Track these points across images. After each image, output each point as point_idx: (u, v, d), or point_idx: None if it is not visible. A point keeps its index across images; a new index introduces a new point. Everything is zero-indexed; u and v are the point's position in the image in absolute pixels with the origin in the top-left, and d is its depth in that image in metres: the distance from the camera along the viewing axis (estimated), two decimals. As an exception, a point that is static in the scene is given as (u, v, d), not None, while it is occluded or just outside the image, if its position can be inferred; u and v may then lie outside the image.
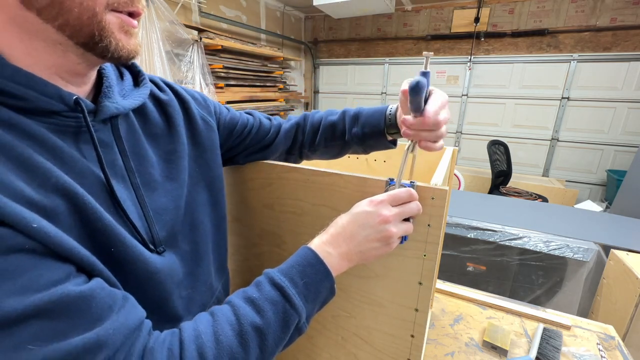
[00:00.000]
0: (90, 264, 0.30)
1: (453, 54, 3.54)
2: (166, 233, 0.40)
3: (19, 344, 0.24)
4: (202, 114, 0.50)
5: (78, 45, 0.31)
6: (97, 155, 0.33)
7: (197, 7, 2.61)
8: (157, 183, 0.41)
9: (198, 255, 0.46)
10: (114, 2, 0.30)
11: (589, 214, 1.86)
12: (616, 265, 1.24)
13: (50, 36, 0.30)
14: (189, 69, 2.39)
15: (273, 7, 3.62)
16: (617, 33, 2.90)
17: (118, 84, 0.39)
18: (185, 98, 0.49)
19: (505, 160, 2.92)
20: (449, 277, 1.61)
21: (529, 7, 3.16)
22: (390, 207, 0.42)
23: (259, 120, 0.60)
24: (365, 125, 0.58)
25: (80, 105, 0.32)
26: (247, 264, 0.68)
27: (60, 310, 0.26)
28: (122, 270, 0.33)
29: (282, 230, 0.60)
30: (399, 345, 0.54)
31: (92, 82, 0.37)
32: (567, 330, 0.85)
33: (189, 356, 0.31)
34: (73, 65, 0.32)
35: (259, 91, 3.17)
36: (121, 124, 0.38)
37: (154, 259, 0.37)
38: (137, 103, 0.40)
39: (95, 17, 0.30)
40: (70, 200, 0.30)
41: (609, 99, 3.04)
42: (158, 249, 0.39)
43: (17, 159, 0.27)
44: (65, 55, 0.31)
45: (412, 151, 0.47)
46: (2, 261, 0.24)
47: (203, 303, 0.47)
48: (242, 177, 0.61)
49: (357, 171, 0.50)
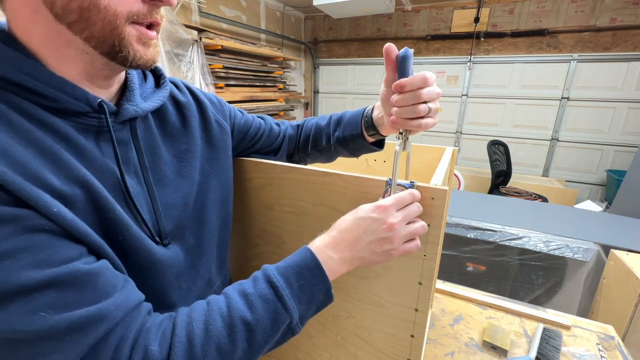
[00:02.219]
0: (99, 247, 0.33)
1: (453, 54, 3.54)
2: (173, 227, 0.43)
3: (34, 309, 0.27)
4: (217, 118, 0.53)
5: (102, 55, 0.34)
6: (114, 153, 0.37)
7: (197, 7, 2.61)
8: (169, 180, 0.43)
9: (201, 250, 0.48)
10: (133, 15, 0.33)
11: (589, 214, 1.86)
12: (616, 265, 1.24)
13: (80, 46, 0.33)
14: (189, 69, 2.39)
15: (273, 7, 3.62)
16: (616, 33, 2.90)
17: (140, 86, 0.43)
18: (203, 101, 0.52)
19: (505, 160, 2.93)
20: (448, 277, 1.61)
21: (529, 7, 3.16)
22: (395, 213, 0.42)
23: (270, 126, 0.64)
24: (346, 129, 0.59)
25: (103, 108, 0.36)
26: (247, 265, 0.68)
27: (70, 283, 0.29)
28: (127, 257, 0.37)
29: (282, 230, 0.60)
30: (399, 345, 0.54)
31: (119, 84, 0.41)
32: (567, 330, 0.85)
33: (178, 341, 0.33)
34: (99, 71, 0.36)
35: (258, 91, 3.17)
36: (139, 124, 0.41)
37: (157, 250, 0.39)
38: (156, 105, 0.43)
39: (116, 30, 0.33)
40: (88, 191, 0.33)
41: (609, 99, 3.04)
42: (164, 241, 0.41)
43: (46, 151, 0.31)
44: (92, 63, 0.35)
45: (405, 149, 0.46)
46: (26, 239, 0.28)
47: (200, 296, 0.48)
48: (242, 176, 0.61)
49: (357, 171, 0.50)
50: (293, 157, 0.68)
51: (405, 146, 0.46)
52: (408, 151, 0.47)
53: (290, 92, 3.74)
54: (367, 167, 0.92)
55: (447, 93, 3.66)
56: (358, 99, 4.18)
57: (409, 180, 0.46)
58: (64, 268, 0.29)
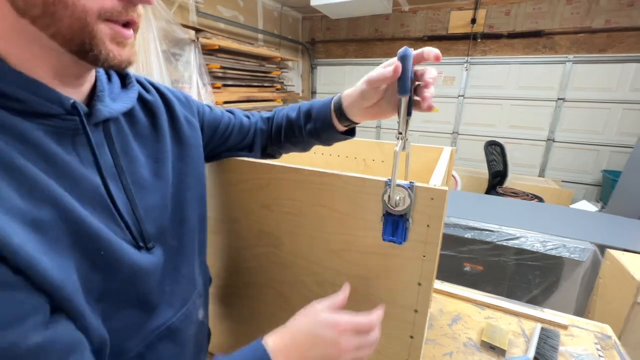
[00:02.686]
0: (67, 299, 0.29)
1: (450, 54, 3.56)
2: (155, 230, 0.42)
3: None
4: (185, 114, 0.51)
5: (71, 53, 0.31)
6: (94, 157, 0.35)
7: (194, 6, 2.60)
8: (147, 182, 0.42)
9: (183, 251, 0.47)
10: (106, 12, 0.30)
11: (585, 214, 1.87)
12: (612, 264, 1.25)
13: (45, 43, 0.30)
14: (186, 68, 2.38)
15: (270, 7, 3.61)
16: (611, 35, 2.93)
17: (108, 86, 0.40)
18: (169, 98, 0.50)
19: (501, 161, 2.94)
20: (446, 277, 1.61)
21: (525, 9, 3.18)
22: (350, 338, 0.42)
23: (240, 120, 0.62)
24: (317, 121, 0.58)
25: (77, 109, 0.33)
26: (245, 266, 0.67)
27: None
28: (110, 271, 0.34)
29: (280, 231, 0.60)
30: (398, 347, 0.54)
31: (90, 83, 0.38)
32: (565, 329, 0.86)
33: None
34: (68, 69, 0.33)
35: (256, 91, 3.16)
36: (112, 126, 0.39)
37: (140, 258, 0.38)
38: (127, 107, 0.41)
39: (86, 27, 0.30)
40: (59, 210, 0.30)
41: (604, 100, 3.06)
42: (148, 245, 0.40)
43: (8, 166, 0.27)
44: (60, 60, 0.32)
45: (404, 149, 0.46)
46: None
47: (184, 297, 0.48)
48: (239, 177, 0.60)
49: (354, 171, 0.50)
50: (267, 150, 0.66)
51: (404, 146, 0.46)
52: (407, 151, 0.47)
53: (288, 92, 3.73)
54: (365, 167, 0.92)
55: (444, 94, 3.68)
56: (355, 99, 4.18)
57: (408, 181, 0.45)
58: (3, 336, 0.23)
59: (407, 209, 0.45)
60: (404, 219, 0.46)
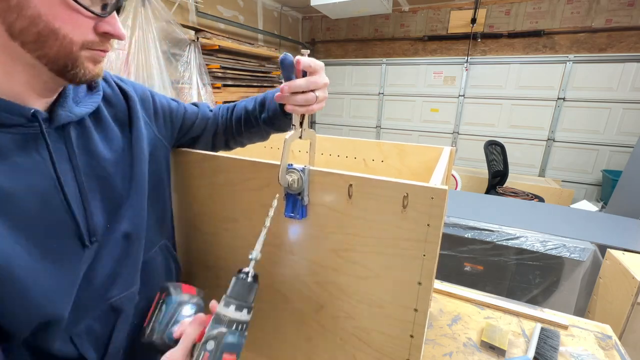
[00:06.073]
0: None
1: (450, 54, 3.56)
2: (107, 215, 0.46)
3: None
4: (144, 112, 0.56)
5: (52, 71, 0.37)
6: (50, 158, 0.39)
7: (194, 6, 2.60)
8: (109, 173, 0.47)
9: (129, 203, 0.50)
10: (88, 43, 0.37)
11: (585, 214, 1.87)
12: (612, 264, 1.25)
13: (29, 61, 0.35)
14: (186, 69, 2.38)
15: (270, 7, 3.61)
16: (612, 34, 2.93)
17: (74, 90, 0.45)
18: (129, 94, 0.54)
19: (501, 161, 2.94)
20: (446, 277, 1.61)
21: (525, 8, 3.18)
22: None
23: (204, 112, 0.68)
24: (269, 109, 0.62)
25: (37, 117, 0.38)
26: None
27: None
28: (61, 264, 0.39)
29: (281, 231, 0.59)
30: (398, 346, 0.54)
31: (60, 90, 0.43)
32: (565, 329, 0.85)
33: None
34: (43, 84, 0.38)
35: (256, 91, 3.16)
36: (74, 128, 0.44)
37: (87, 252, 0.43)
38: (88, 110, 0.45)
39: (71, 54, 0.36)
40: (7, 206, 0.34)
41: (604, 100, 3.06)
42: (92, 239, 0.44)
43: None
44: (38, 76, 0.37)
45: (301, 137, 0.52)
46: None
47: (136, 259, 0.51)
48: (239, 177, 0.60)
49: (354, 171, 0.50)
50: (229, 143, 0.71)
51: (301, 135, 0.52)
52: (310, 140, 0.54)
53: (288, 92, 3.73)
54: (365, 166, 0.92)
55: (444, 94, 3.68)
56: (355, 99, 4.18)
57: (304, 165, 0.51)
58: None
59: (300, 189, 0.51)
60: (300, 197, 0.52)
